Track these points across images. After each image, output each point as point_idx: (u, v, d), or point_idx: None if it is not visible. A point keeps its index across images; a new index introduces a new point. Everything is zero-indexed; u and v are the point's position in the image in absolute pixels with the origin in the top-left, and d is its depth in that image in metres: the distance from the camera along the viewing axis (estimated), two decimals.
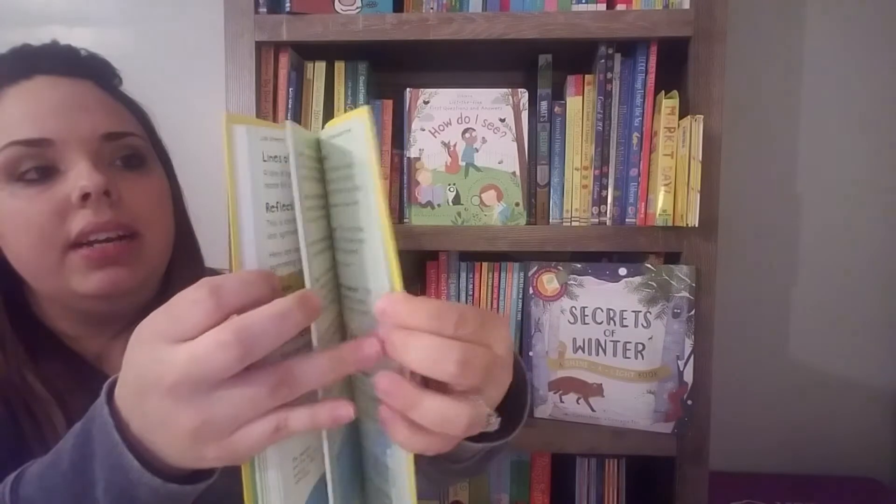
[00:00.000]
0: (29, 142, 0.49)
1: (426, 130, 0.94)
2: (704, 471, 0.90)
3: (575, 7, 0.90)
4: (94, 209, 0.50)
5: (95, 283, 0.51)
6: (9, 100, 0.51)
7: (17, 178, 0.50)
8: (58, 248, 0.50)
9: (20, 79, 0.52)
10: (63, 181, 0.50)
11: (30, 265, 0.51)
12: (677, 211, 0.87)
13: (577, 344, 0.93)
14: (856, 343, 1.16)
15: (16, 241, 0.51)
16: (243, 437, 0.31)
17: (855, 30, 1.12)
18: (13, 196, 0.50)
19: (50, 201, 0.49)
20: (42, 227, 0.49)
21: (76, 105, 0.52)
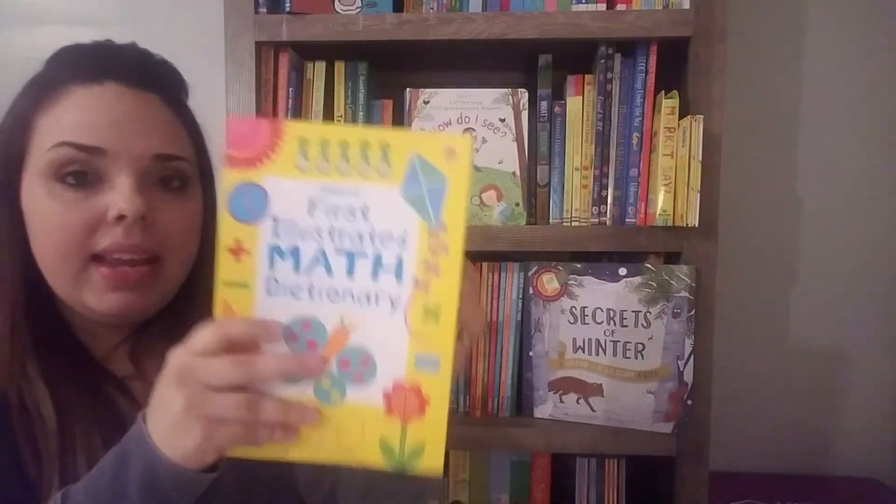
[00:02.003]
0: (81, 147, 0.50)
1: (426, 130, 0.94)
2: (704, 471, 0.90)
3: (575, 7, 0.90)
4: (126, 231, 0.50)
5: (108, 303, 0.52)
6: (73, 98, 0.52)
7: (60, 178, 0.50)
8: (80, 259, 0.50)
9: (91, 82, 0.52)
10: (102, 193, 0.51)
11: (50, 266, 0.51)
12: (677, 211, 0.87)
13: (577, 344, 0.93)
14: (856, 343, 1.16)
15: (44, 239, 0.51)
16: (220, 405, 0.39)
17: (855, 30, 1.12)
18: (51, 196, 0.50)
19: (85, 211, 0.50)
20: (72, 234, 0.50)
21: (137, 121, 0.52)
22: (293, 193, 0.40)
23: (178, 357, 0.40)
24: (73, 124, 0.50)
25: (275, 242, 0.40)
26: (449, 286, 0.41)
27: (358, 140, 0.39)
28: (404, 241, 0.40)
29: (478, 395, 0.96)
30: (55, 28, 1.16)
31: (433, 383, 0.42)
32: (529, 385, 0.95)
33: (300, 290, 0.40)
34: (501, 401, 0.96)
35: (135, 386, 0.58)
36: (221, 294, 0.40)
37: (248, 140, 0.39)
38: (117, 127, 0.51)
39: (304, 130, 0.40)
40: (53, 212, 0.50)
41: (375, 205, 0.40)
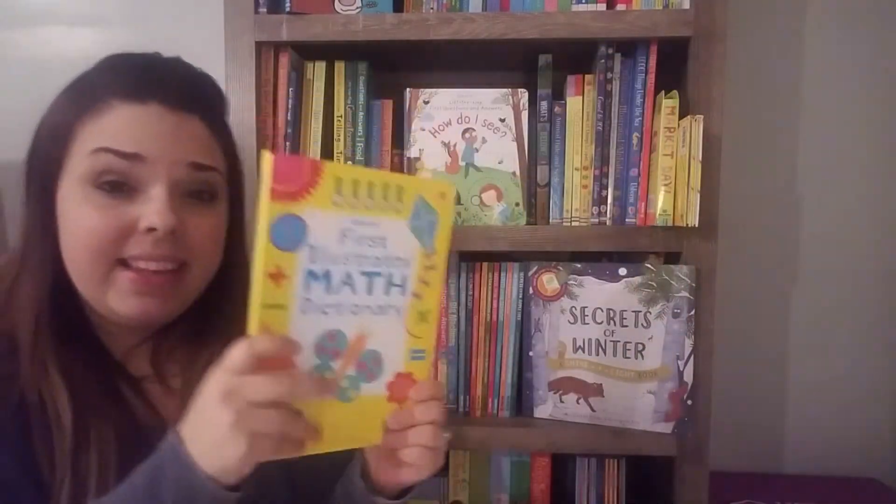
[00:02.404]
0: (121, 153, 0.51)
1: (426, 130, 0.94)
2: (704, 471, 0.90)
3: (575, 7, 0.90)
4: (155, 242, 0.52)
5: (131, 307, 0.53)
6: (117, 112, 0.53)
7: (97, 184, 0.51)
8: (108, 263, 0.52)
9: (134, 100, 0.53)
10: (137, 202, 0.52)
11: (79, 268, 0.53)
12: (677, 211, 0.87)
13: (577, 344, 0.93)
14: (856, 343, 1.16)
15: (74, 242, 0.52)
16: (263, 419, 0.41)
17: (855, 29, 1.12)
18: (87, 200, 0.51)
19: (118, 218, 0.51)
20: (103, 239, 0.51)
21: (176, 133, 0.54)
22: (328, 224, 0.45)
23: (220, 377, 0.43)
24: (113, 134, 0.52)
25: (310, 267, 0.45)
26: (434, 294, 0.52)
27: (380, 182, 0.47)
28: (408, 263, 0.50)
29: (478, 395, 0.96)
30: (55, 28, 1.16)
31: (421, 368, 0.52)
32: (529, 385, 0.95)
33: (329, 308, 0.46)
34: (501, 401, 0.96)
35: (150, 387, 0.58)
36: (259, 315, 0.43)
37: (291, 176, 0.43)
38: (157, 138, 0.53)
39: (339, 171, 0.46)
40: (87, 216, 0.51)
41: (391, 234, 0.48)
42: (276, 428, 0.42)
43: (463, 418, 0.96)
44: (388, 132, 0.96)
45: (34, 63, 1.16)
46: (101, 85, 0.54)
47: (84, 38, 1.16)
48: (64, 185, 0.53)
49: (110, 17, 1.16)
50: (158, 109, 0.53)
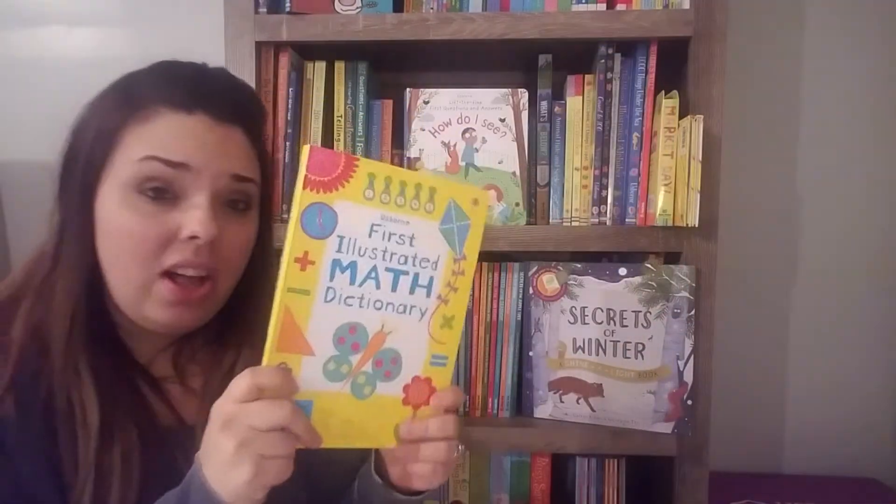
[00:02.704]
0: (168, 162, 0.52)
1: (426, 130, 0.94)
2: (704, 471, 0.90)
3: (575, 7, 0.90)
4: (196, 250, 0.53)
5: (166, 316, 0.54)
6: (165, 121, 0.53)
7: (141, 190, 0.52)
8: (150, 271, 0.53)
9: (182, 109, 0.54)
10: (178, 210, 0.53)
11: (118, 274, 0.53)
12: (677, 211, 0.87)
13: (577, 344, 0.93)
14: (856, 343, 1.16)
15: (118, 248, 0.53)
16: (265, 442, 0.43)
17: (855, 29, 1.12)
18: (130, 207, 0.52)
19: (161, 225, 0.52)
20: (146, 246, 0.52)
21: (220, 145, 0.55)
22: (359, 217, 0.47)
23: (222, 405, 0.44)
24: (162, 142, 0.53)
25: (337, 257, 0.46)
26: (462, 301, 0.52)
27: (413, 182, 0.48)
28: (436, 265, 0.50)
29: (478, 395, 0.96)
30: (55, 28, 1.16)
31: (441, 375, 0.52)
32: (529, 385, 0.95)
33: (352, 300, 0.47)
34: (501, 401, 0.96)
35: (171, 388, 0.59)
36: (283, 299, 0.45)
37: (326, 168, 0.45)
38: (204, 147, 0.54)
39: (373, 167, 0.47)
40: (131, 221, 0.52)
41: (420, 234, 0.49)
42: (280, 451, 0.43)
43: (463, 418, 0.96)
44: (388, 132, 0.96)
45: (34, 63, 1.16)
46: (149, 92, 0.54)
47: (84, 38, 1.16)
48: (105, 188, 0.53)
49: (110, 17, 1.16)
50: (205, 120, 0.54)
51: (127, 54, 1.17)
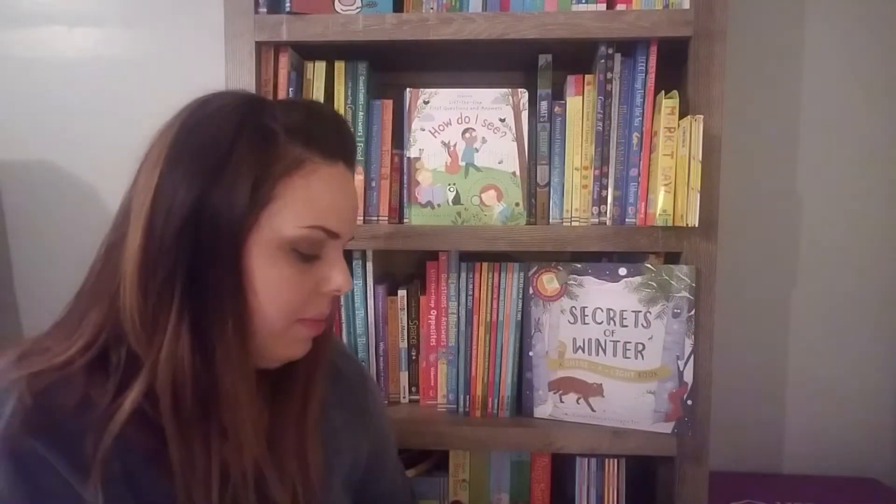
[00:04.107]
0: (330, 233, 0.54)
1: (426, 130, 0.94)
2: (704, 471, 0.90)
3: (575, 7, 0.90)
4: (330, 302, 0.58)
5: (296, 352, 0.57)
6: (321, 177, 0.54)
7: (293, 248, 0.53)
8: (293, 318, 0.54)
9: (331, 160, 0.55)
10: (319, 266, 0.55)
11: (266, 323, 0.53)
12: (677, 211, 0.87)
13: (577, 344, 0.93)
14: (856, 343, 1.16)
15: (269, 302, 0.52)
16: None
17: (855, 30, 1.11)
18: (285, 263, 0.53)
19: (310, 280, 0.55)
20: (297, 300, 0.54)
21: (355, 208, 0.60)
22: None
23: None
24: (326, 209, 0.54)
25: None
26: None
27: None
28: None
29: (478, 395, 0.96)
30: (55, 28, 1.16)
31: None
32: (529, 385, 0.96)
33: None
34: (501, 401, 0.96)
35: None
36: None
37: None
38: (348, 214, 0.57)
39: None
40: (286, 278, 0.53)
41: None
42: None
43: (463, 418, 0.96)
44: (388, 132, 0.96)
45: (34, 63, 1.16)
46: (301, 141, 0.53)
47: (84, 38, 1.16)
48: (257, 241, 0.51)
49: (110, 17, 1.16)
50: (344, 171, 0.57)
51: (127, 54, 1.18)
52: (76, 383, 0.49)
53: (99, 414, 0.48)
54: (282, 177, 0.51)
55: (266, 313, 0.52)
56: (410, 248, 0.91)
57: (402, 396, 1.00)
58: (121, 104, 1.15)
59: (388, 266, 1.12)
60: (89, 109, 1.16)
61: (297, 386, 0.60)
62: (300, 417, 0.59)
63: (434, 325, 0.97)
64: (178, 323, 0.49)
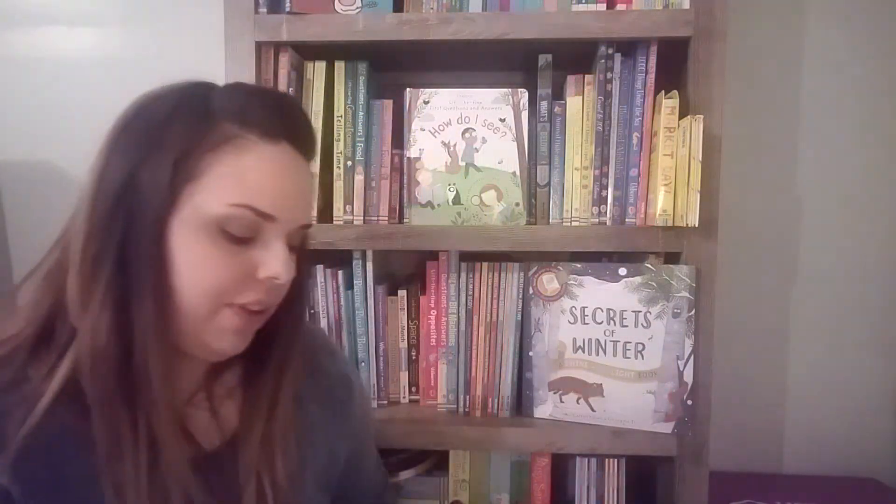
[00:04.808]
0: (260, 213, 0.51)
1: (426, 130, 0.94)
2: (704, 471, 0.90)
3: (575, 7, 0.90)
4: (269, 290, 0.54)
5: (225, 344, 0.54)
6: (256, 157, 0.52)
7: (223, 229, 0.51)
8: (220, 304, 0.52)
9: (271, 139, 0.52)
10: (255, 250, 0.53)
11: (189, 306, 0.51)
12: (677, 211, 0.87)
13: (577, 344, 0.93)
14: (856, 343, 1.16)
15: (193, 281, 0.51)
16: None
17: (855, 29, 1.12)
18: (213, 243, 0.51)
19: (241, 264, 0.52)
20: (226, 283, 0.52)
21: (302, 191, 0.56)
22: None
23: None
24: (258, 188, 0.51)
25: None
26: None
27: None
28: None
29: (478, 395, 0.96)
30: (55, 28, 1.16)
31: None
32: (529, 385, 0.95)
33: None
34: (501, 401, 0.96)
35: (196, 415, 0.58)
36: None
37: None
38: (288, 196, 0.54)
39: None
40: (212, 258, 0.51)
41: None
42: None
43: (463, 418, 0.96)
44: (388, 132, 0.96)
45: (34, 63, 1.16)
46: (236, 116, 0.51)
47: (84, 38, 1.16)
48: (183, 217, 0.50)
49: (110, 17, 1.16)
50: (290, 152, 0.54)
51: (127, 54, 1.18)
52: (17, 360, 0.51)
53: (29, 391, 0.50)
54: (208, 152, 0.50)
55: (188, 293, 0.51)
56: (410, 248, 0.91)
57: (402, 396, 1.00)
58: (121, 104, 1.15)
59: (388, 266, 1.12)
60: (89, 109, 1.15)
61: (267, 376, 0.60)
62: (270, 409, 0.59)
63: (434, 325, 0.97)
64: (104, 298, 0.49)
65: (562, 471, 1.02)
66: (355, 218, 0.95)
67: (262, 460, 0.57)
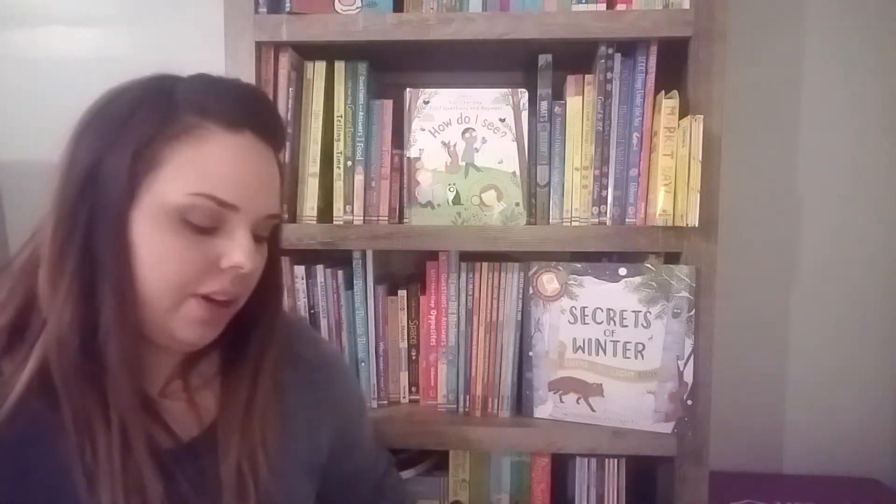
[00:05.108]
0: (222, 203, 0.51)
1: (426, 130, 0.94)
2: (704, 471, 0.90)
3: (575, 7, 0.90)
4: (233, 280, 0.53)
5: (191, 335, 0.54)
6: (216, 147, 0.52)
7: (184, 219, 0.51)
8: (184, 294, 0.52)
9: (232, 129, 0.52)
10: (220, 239, 0.53)
11: (152, 296, 0.51)
12: (677, 211, 0.87)
13: (577, 344, 0.93)
14: (856, 343, 1.16)
15: (156, 272, 0.51)
16: None
17: (855, 29, 1.12)
18: (174, 233, 0.51)
19: (204, 254, 0.52)
20: (187, 273, 0.51)
21: (264, 180, 0.55)
22: None
23: None
24: (217, 175, 0.51)
25: None
26: None
27: None
28: None
29: (478, 395, 0.96)
30: (55, 28, 1.16)
31: None
32: (529, 385, 0.96)
33: None
34: (501, 401, 0.96)
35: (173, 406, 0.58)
36: None
37: None
38: (251, 186, 0.53)
39: None
40: (174, 249, 0.51)
41: None
42: None
43: (463, 418, 0.96)
44: (387, 132, 0.96)
45: (34, 63, 1.16)
46: (196, 106, 0.52)
47: (84, 38, 1.16)
48: (144, 208, 0.50)
49: (110, 17, 1.16)
50: (253, 141, 0.54)
51: (127, 54, 1.18)
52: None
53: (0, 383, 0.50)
54: (168, 142, 0.50)
55: (151, 283, 0.51)
56: (410, 248, 0.91)
57: (402, 396, 1.00)
58: None
59: (388, 266, 1.12)
60: None
61: (245, 366, 0.60)
62: (248, 398, 0.59)
63: (434, 325, 0.97)
64: (69, 287, 0.50)
65: (562, 471, 1.02)
66: (355, 218, 0.95)
67: (242, 450, 0.57)
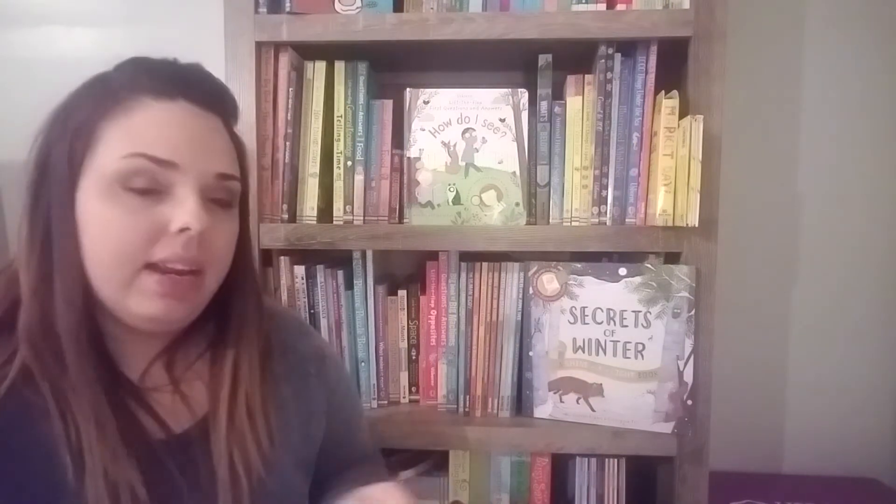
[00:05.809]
0: (157, 160, 0.51)
1: (426, 130, 0.94)
2: (704, 471, 0.90)
3: (575, 7, 0.90)
4: (185, 244, 0.52)
5: (152, 309, 0.53)
6: (147, 113, 0.53)
7: (126, 187, 0.51)
8: (136, 265, 0.52)
9: (164, 97, 0.53)
10: (166, 204, 0.52)
11: (103, 271, 0.52)
12: (677, 211, 0.87)
13: (577, 344, 0.93)
14: (855, 343, 1.16)
15: (102, 245, 0.51)
16: None
17: (855, 30, 1.12)
18: (116, 202, 0.51)
19: (148, 220, 0.52)
20: (133, 241, 0.51)
21: (206, 140, 0.55)
22: None
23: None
24: (149, 137, 0.52)
25: None
26: None
27: None
28: None
29: (478, 395, 0.96)
30: (55, 28, 1.16)
31: None
32: (529, 385, 0.95)
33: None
34: (501, 401, 0.96)
35: (162, 398, 0.58)
36: None
37: None
38: (190, 144, 0.53)
39: None
40: (116, 218, 0.51)
41: None
42: None
43: (463, 418, 0.96)
44: (387, 132, 0.96)
45: (34, 63, 1.16)
46: (128, 82, 0.54)
47: (84, 38, 1.16)
48: (87, 184, 0.52)
49: (110, 17, 1.16)
50: (187, 107, 0.54)
51: (127, 54, 1.17)
52: None
53: None
54: (101, 119, 0.52)
55: (101, 258, 0.51)
56: (410, 248, 0.91)
57: (402, 396, 1.00)
58: None
59: (388, 266, 1.12)
60: None
61: (226, 352, 0.60)
62: (232, 385, 0.59)
63: (434, 325, 0.97)
64: (35, 275, 0.52)
65: (562, 471, 1.02)
66: (355, 218, 0.95)
67: (232, 440, 0.57)
